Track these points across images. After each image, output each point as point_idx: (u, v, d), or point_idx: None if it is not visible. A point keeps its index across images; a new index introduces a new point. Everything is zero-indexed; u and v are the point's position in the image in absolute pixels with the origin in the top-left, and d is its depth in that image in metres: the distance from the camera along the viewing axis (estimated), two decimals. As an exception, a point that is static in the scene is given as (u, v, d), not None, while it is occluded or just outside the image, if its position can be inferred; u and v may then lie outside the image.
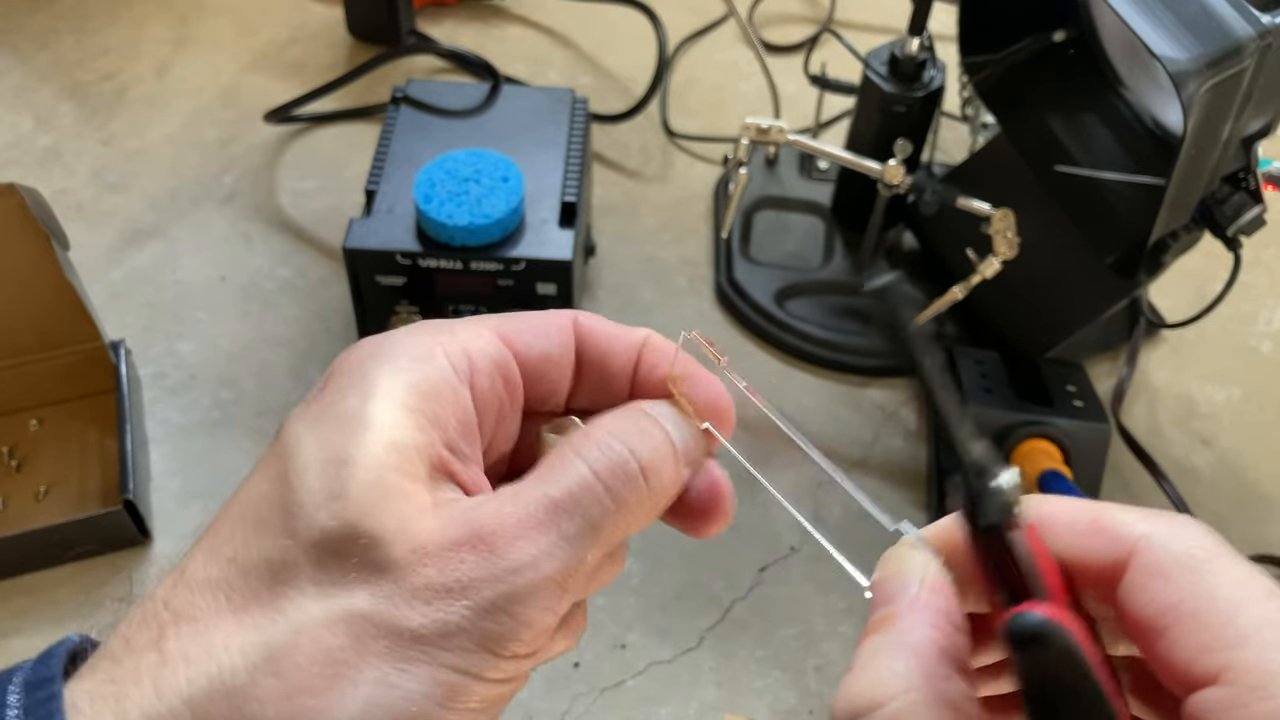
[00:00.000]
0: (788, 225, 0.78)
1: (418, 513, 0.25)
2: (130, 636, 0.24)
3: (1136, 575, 0.23)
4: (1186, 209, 0.57)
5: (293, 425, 0.26)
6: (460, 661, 0.24)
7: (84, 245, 0.73)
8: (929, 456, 0.67)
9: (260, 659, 0.23)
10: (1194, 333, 0.74)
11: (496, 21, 0.95)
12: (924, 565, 0.25)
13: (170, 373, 0.68)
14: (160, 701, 0.23)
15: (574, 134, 0.69)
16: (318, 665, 0.23)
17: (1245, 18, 0.50)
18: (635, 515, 0.27)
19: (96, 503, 0.60)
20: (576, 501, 0.26)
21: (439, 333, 0.28)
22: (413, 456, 0.25)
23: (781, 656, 0.58)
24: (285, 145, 0.83)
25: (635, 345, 0.30)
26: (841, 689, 0.24)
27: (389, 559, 0.24)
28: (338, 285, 0.74)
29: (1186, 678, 0.22)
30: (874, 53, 0.70)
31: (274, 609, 0.24)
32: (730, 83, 0.91)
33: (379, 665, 0.23)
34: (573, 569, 0.25)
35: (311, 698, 0.23)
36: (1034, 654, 0.21)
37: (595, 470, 0.26)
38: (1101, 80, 0.64)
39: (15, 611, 0.57)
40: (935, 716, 0.22)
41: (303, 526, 0.24)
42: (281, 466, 0.25)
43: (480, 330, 0.29)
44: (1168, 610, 0.22)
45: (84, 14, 0.92)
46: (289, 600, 0.24)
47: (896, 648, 0.23)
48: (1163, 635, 0.22)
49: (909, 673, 0.23)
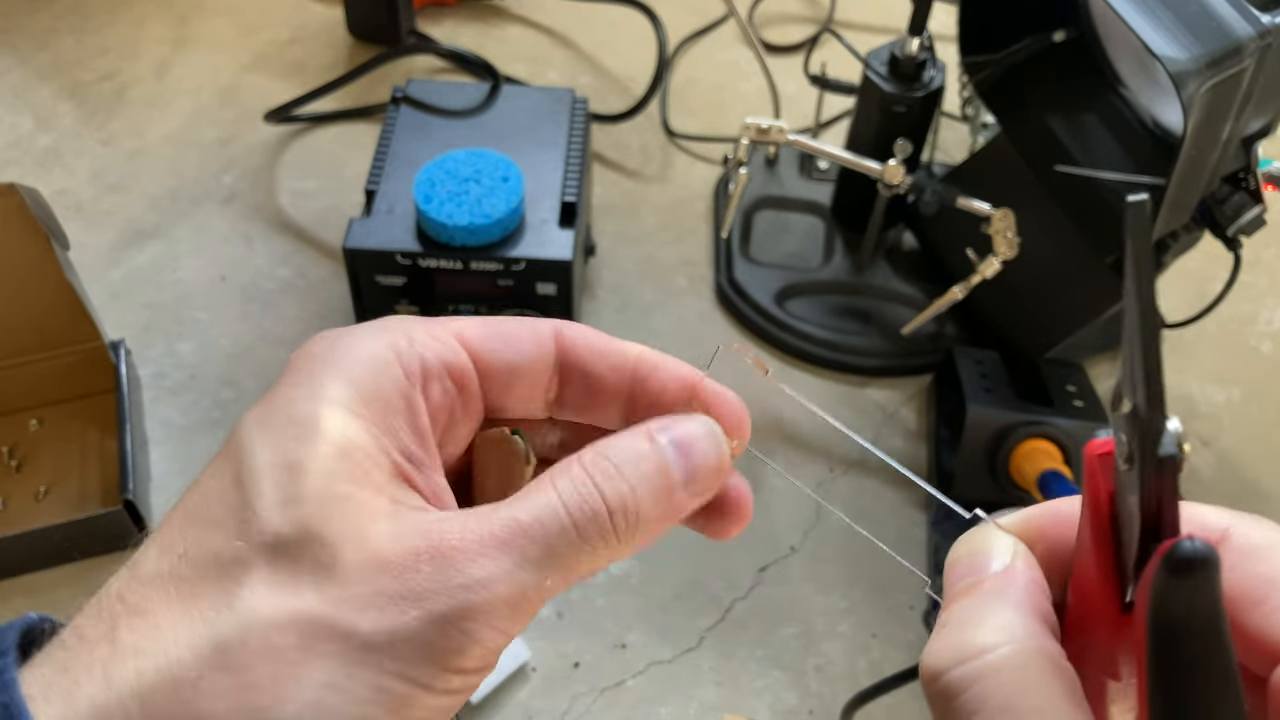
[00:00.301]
0: (788, 225, 0.78)
1: (372, 519, 0.25)
2: (83, 628, 0.24)
3: (1230, 555, 0.24)
4: (1186, 209, 0.57)
5: (246, 426, 0.26)
6: (408, 670, 0.24)
7: (84, 245, 0.73)
8: (929, 456, 0.67)
9: (209, 653, 0.23)
10: (1194, 333, 0.74)
11: (496, 21, 0.95)
12: (1011, 544, 0.26)
13: (170, 373, 0.68)
14: (110, 691, 0.23)
15: (574, 134, 0.69)
16: (265, 663, 0.23)
17: (1245, 18, 0.50)
18: (602, 552, 0.26)
19: (97, 503, 0.60)
20: (543, 528, 0.25)
21: (395, 334, 0.28)
22: (364, 464, 0.25)
23: (781, 656, 0.58)
24: (285, 145, 0.83)
25: (627, 360, 0.30)
26: (932, 644, 0.24)
27: (342, 563, 0.24)
28: (338, 285, 0.74)
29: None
30: (874, 53, 0.70)
31: (224, 604, 0.24)
32: (730, 83, 0.91)
33: (326, 668, 0.23)
34: (529, 594, 0.25)
35: (258, 694, 0.23)
36: (1190, 584, 0.21)
37: (565, 503, 0.26)
38: (1101, 80, 0.64)
39: (15, 611, 0.57)
40: (1040, 666, 0.22)
41: (255, 530, 0.24)
42: (234, 468, 0.25)
43: (438, 332, 0.28)
44: (1265, 584, 0.23)
45: (84, 14, 0.92)
46: (239, 598, 0.24)
47: (999, 604, 0.24)
48: (1258, 606, 0.23)
49: (1012, 625, 0.23)
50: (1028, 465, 0.59)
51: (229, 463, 0.26)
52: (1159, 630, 0.21)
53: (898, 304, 0.73)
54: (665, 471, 0.27)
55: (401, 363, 0.27)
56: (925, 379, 0.71)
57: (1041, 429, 0.59)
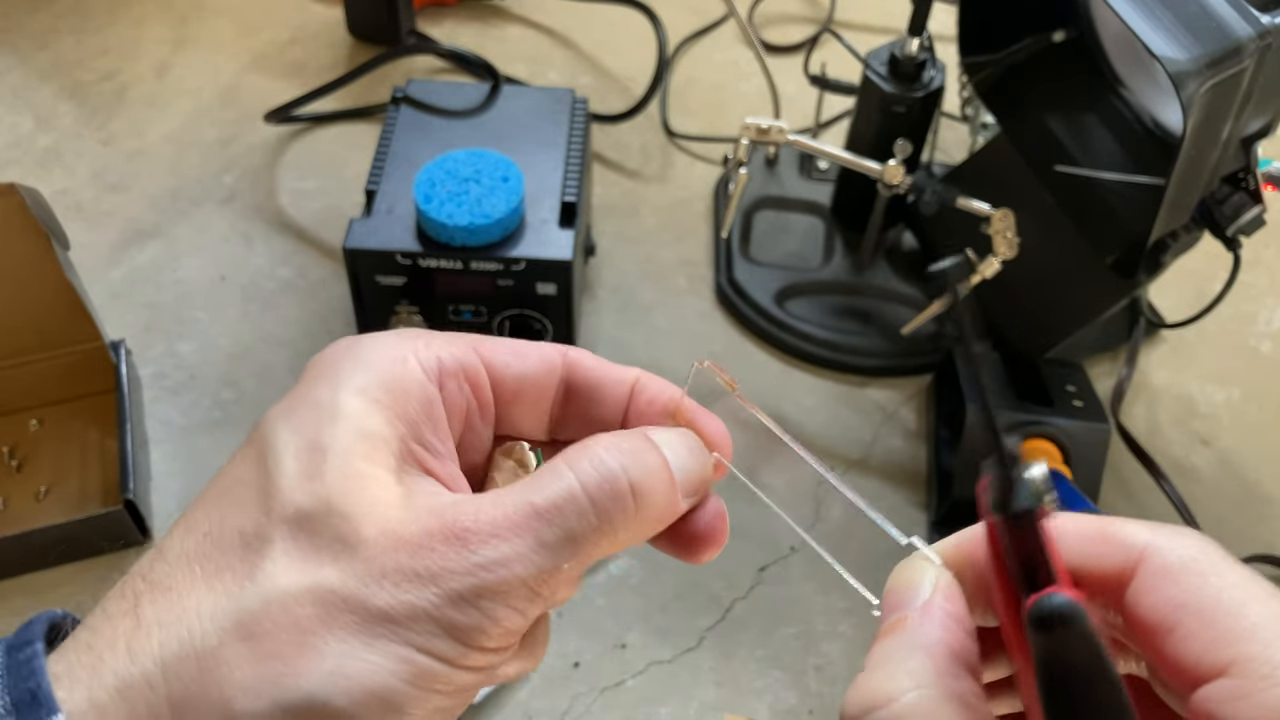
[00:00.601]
0: (788, 225, 0.78)
1: (390, 498, 0.26)
2: (108, 607, 0.25)
3: (1145, 579, 0.24)
4: (1186, 209, 0.57)
5: (269, 418, 0.27)
6: (429, 644, 0.24)
7: (84, 245, 0.73)
8: (928, 456, 0.67)
9: (230, 624, 0.24)
10: (1194, 333, 0.74)
11: (496, 21, 0.95)
12: (935, 574, 0.26)
13: (170, 373, 0.68)
14: (134, 664, 0.24)
15: (574, 134, 0.69)
16: (286, 633, 0.24)
17: (1245, 18, 0.50)
18: (620, 534, 0.27)
19: (97, 503, 0.60)
20: (559, 511, 0.26)
21: (414, 338, 0.29)
22: (381, 447, 0.26)
23: (781, 656, 0.58)
24: (285, 145, 0.83)
25: (627, 382, 0.31)
26: (852, 688, 0.24)
27: (361, 538, 0.25)
28: (338, 285, 0.74)
29: (1195, 672, 0.23)
30: (874, 53, 0.70)
31: (246, 577, 0.24)
32: (730, 83, 0.91)
33: (346, 638, 0.24)
34: (546, 575, 0.26)
35: (280, 663, 0.24)
36: (1058, 636, 0.22)
37: (584, 483, 0.26)
38: (1101, 80, 0.64)
39: (15, 611, 0.57)
40: (947, 711, 0.23)
41: (278, 504, 0.25)
42: (258, 453, 0.27)
43: (455, 339, 0.30)
44: (1176, 609, 0.23)
45: (84, 14, 0.92)
46: (261, 570, 0.24)
47: (909, 647, 0.24)
48: (1171, 633, 0.23)
49: (921, 670, 0.23)
50: (1027, 465, 0.59)
51: (253, 449, 0.27)
52: (1042, 678, 0.22)
53: (898, 304, 0.73)
54: (665, 465, 0.28)
55: (419, 359, 0.28)
56: (925, 379, 0.71)
57: (1041, 429, 0.60)
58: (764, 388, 0.70)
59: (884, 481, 0.66)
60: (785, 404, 0.70)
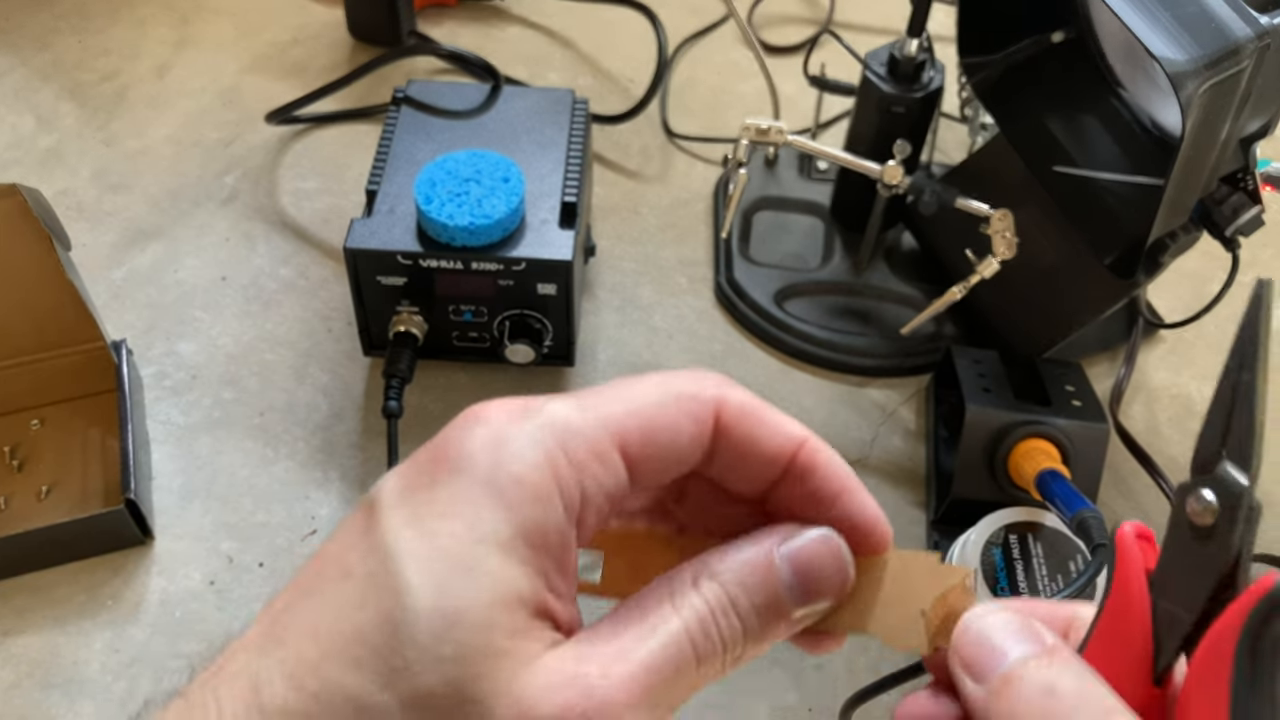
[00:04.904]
0: (787, 225, 0.78)
1: (525, 673, 0.24)
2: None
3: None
4: (1185, 209, 0.58)
5: (392, 522, 0.25)
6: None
7: (86, 245, 0.74)
8: (928, 456, 0.67)
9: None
10: (1192, 333, 0.74)
11: (497, 22, 0.95)
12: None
13: (172, 373, 0.69)
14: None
15: (574, 134, 0.69)
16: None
17: (1243, 18, 0.50)
18: (715, 669, 0.27)
19: (98, 502, 0.60)
20: (675, 669, 0.26)
21: (555, 448, 0.26)
22: (519, 610, 0.24)
23: (781, 656, 0.58)
24: (286, 146, 0.83)
25: (791, 441, 0.29)
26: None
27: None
28: (339, 285, 0.74)
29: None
30: (873, 54, 0.70)
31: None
32: (730, 83, 0.91)
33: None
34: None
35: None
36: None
37: (690, 637, 0.26)
38: (1100, 81, 0.64)
39: (16, 611, 0.57)
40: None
41: (405, 683, 0.23)
42: (383, 602, 0.24)
43: (602, 448, 0.26)
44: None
45: (85, 14, 0.93)
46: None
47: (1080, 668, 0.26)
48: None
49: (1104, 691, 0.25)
50: (1026, 464, 0.59)
51: (374, 590, 0.24)
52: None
53: (897, 304, 0.73)
54: (780, 601, 0.28)
55: (564, 496, 0.25)
56: (924, 379, 0.71)
57: (1039, 428, 0.60)
58: (763, 387, 0.71)
59: (883, 481, 0.66)
60: (785, 404, 0.70)
